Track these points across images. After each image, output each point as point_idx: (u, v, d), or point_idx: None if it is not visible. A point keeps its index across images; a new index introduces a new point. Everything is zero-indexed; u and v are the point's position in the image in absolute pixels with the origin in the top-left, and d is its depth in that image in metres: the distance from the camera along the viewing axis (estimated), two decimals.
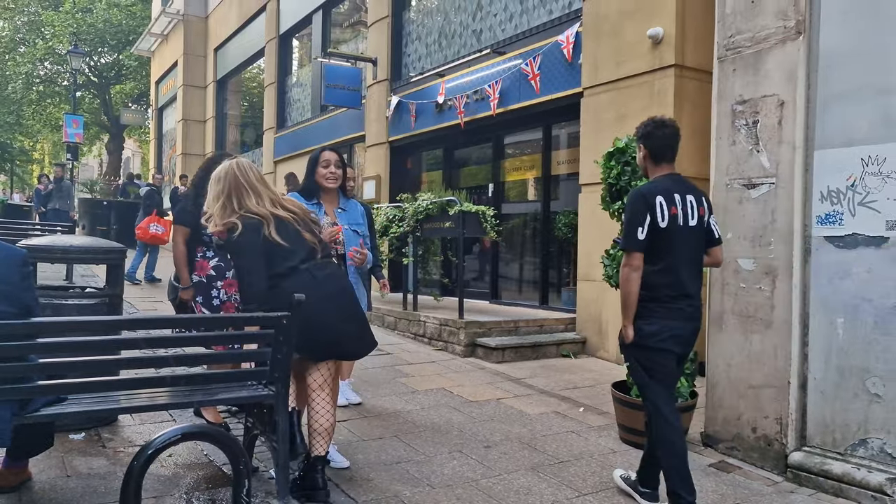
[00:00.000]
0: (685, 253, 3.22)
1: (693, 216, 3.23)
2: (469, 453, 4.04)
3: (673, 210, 3.17)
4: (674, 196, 3.20)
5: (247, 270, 3.04)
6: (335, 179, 3.81)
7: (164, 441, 2.10)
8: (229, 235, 3.05)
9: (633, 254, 3.15)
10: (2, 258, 2.58)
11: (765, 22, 4.11)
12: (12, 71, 25.28)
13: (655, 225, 3.14)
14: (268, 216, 3.09)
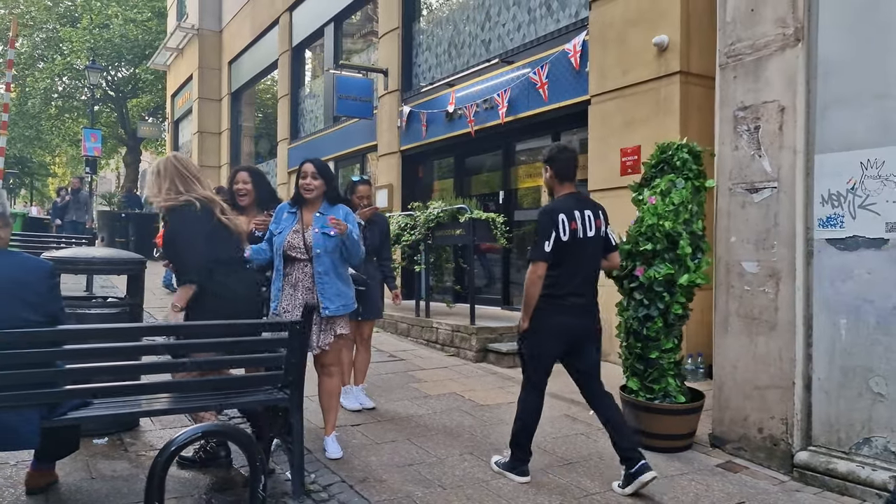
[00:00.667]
0: (581, 261, 3.76)
1: (591, 229, 3.77)
2: (480, 455, 4.13)
3: (573, 225, 3.71)
4: (574, 212, 3.74)
5: (191, 244, 3.38)
6: (310, 190, 3.93)
7: (185, 438, 2.21)
8: (182, 210, 3.36)
9: (539, 264, 3.69)
10: (30, 270, 2.72)
11: (764, 29, 4.19)
12: (31, 86, 25.73)
13: (559, 239, 3.67)
14: (215, 201, 3.36)
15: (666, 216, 4.28)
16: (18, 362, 2.61)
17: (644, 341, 4.33)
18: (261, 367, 3.41)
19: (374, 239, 5.11)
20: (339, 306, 3.91)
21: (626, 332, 4.46)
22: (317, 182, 3.93)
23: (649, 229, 4.31)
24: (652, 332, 4.29)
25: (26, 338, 2.63)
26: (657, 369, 4.31)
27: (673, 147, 4.49)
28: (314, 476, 3.71)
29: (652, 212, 4.33)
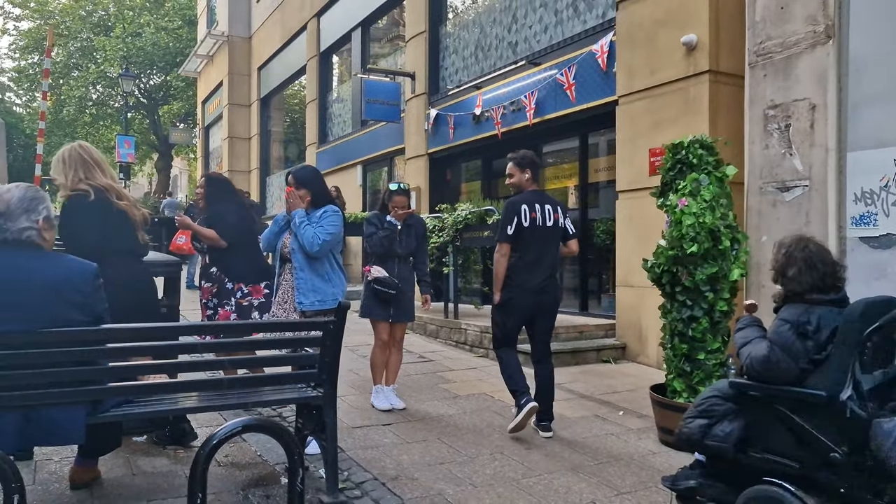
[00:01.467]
0: (541, 246, 4.53)
1: (549, 220, 4.56)
2: (510, 454, 4.16)
3: (533, 214, 4.50)
4: (535, 205, 4.54)
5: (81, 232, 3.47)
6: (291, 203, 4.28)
7: (226, 432, 2.29)
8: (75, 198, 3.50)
9: (503, 245, 4.52)
10: (76, 272, 2.81)
11: (794, 28, 4.18)
12: (67, 95, 26.36)
13: (520, 225, 4.46)
14: (112, 188, 3.59)
15: (703, 213, 4.23)
16: (66, 360, 2.71)
17: (690, 342, 4.31)
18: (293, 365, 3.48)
19: (409, 242, 5.10)
20: (313, 301, 4.19)
21: (671, 334, 4.42)
22: (300, 192, 4.26)
23: (690, 229, 4.26)
24: (697, 332, 4.26)
25: (72, 336, 2.72)
26: (703, 370, 4.28)
27: (684, 145, 4.45)
28: (347, 473, 3.77)
29: (688, 212, 4.27)
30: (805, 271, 2.87)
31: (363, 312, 5.04)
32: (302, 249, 4.21)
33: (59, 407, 2.68)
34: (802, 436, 2.73)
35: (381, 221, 4.99)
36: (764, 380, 2.87)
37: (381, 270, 4.91)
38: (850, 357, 2.64)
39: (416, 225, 5.21)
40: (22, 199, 2.83)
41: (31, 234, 2.83)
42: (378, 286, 4.87)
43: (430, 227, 8.08)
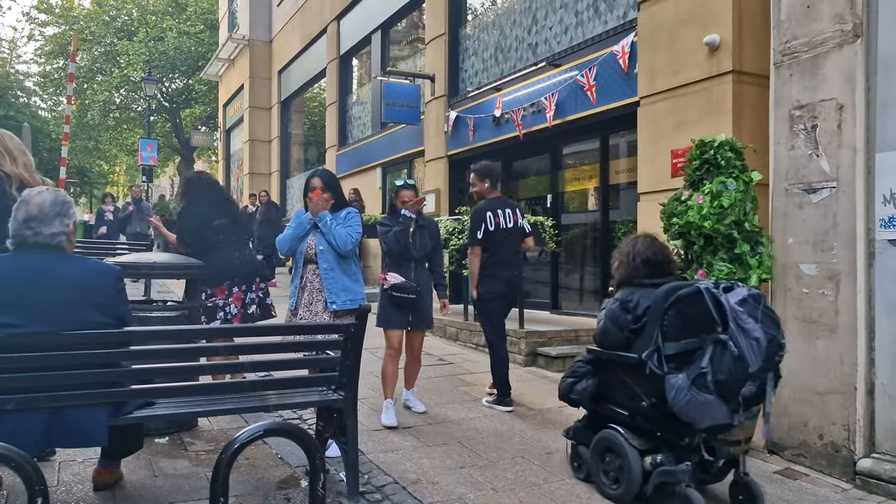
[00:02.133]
0: (506, 245, 5.35)
1: (510, 222, 5.38)
2: (531, 459, 4.13)
3: (497, 220, 5.30)
4: (497, 210, 5.35)
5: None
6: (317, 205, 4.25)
7: (248, 436, 2.28)
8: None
9: (475, 247, 5.35)
10: (99, 274, 2.83)
11: (821, 26, 4.10)
12: (90, 99, 26.69)
13: (487, 229, 5.26)
14: (15, 174, 3.52)
15: (709, 217, 4.19)
16: (89, 362, 2.73)
17: None
18: (316, 368, 3.48)
19: (424, 243, 4.96)
20: (345, 300, 4.20)
21: None
22: (325, 195, 4.25)
23: (686, 226, 4.25)
24: None
25: (95, 338, 2.74)
26: None
27: (714, 146, 4.40)
28: (367, 477, 3.76)
29: (697, 211, 4.24)
30: (626, 264, 3.74)
31: (380, 322, 4.89)
32: (332, 249, 4.21)
33: (82, 408, 2.70)
34: (629, 390, 3.53)
35: (393, 220, 4.92)
36: (603, 346, 3.74)
37: (397, 276, 4.79)
38: (654, 328, 3.33)
39: (430, 226, 5.09)
40: (55, 203, 2.87)
41: (61, 239, 2.86)
42: (396, 293, 4.75)
43: (450, 230, 8.07)
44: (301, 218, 4.30)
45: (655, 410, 3.36)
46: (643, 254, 3.68)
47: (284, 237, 4.35)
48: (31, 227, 2.80)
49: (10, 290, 2.67)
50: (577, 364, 3.94)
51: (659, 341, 3.29)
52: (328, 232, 4.20)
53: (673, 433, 3.38)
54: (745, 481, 3.44)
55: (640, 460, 3.43)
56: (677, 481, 3.23)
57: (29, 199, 2.86)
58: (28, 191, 2.98)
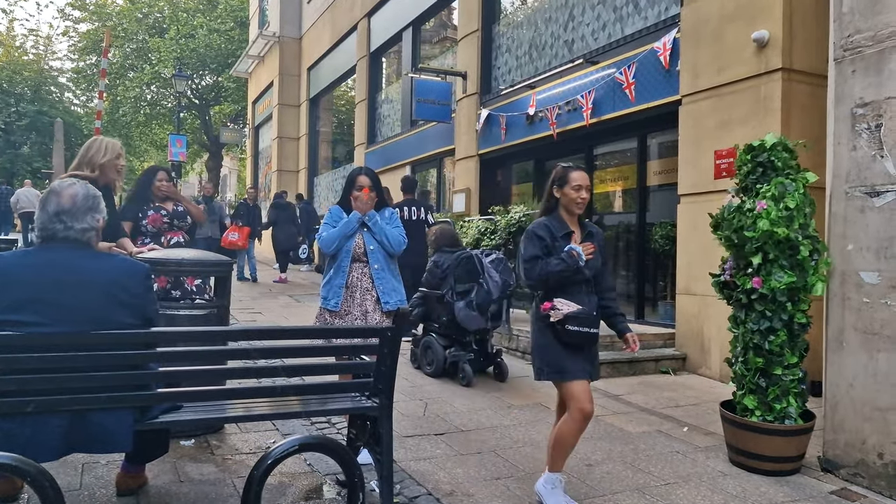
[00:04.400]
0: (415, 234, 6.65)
1: (415, 216, 7.74)
2: (570, 472, 3.93)
3: (403, 214, 7.32)
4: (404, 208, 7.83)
5: None
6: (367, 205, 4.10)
7: (283, 451, 2.13)
8: None
9: None
10: (127, 272, 2.69)
11: (888, 19, 3.85)
12: (122, 95, 26.92)
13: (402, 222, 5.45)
14: None
15: (779, 222, 3.94)
16: (114, 363, 2.59)
17: (766, 356, 4.01)
18: (349, 374, 3.32)
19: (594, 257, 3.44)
20: (396, 301, 4.10)
21: (745, 347, 4.12)
22: (372, 194, 4.09)
23: (764, 236, 3.97)
24: (775, 345, 3.97)
25: (121, 339, 2.60)
26: (779, 387, 3.99)
27: (767, 147, 4.15)
28: (399, 487, 3.59)
29: (766, 217, 3.97)
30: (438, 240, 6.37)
31: (550, 372, 3.36)
32: (382, 249, 4.11)
33: (106, 412, 2.56)
34: (438, 312, 6.11)
35: (552, 233, 3.39)
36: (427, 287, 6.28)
37: (570, 303, 3.29)
38: (451, 276, 5.97)
39: (597, 235, 3.57)
40: (87, 197, 2.74)
41: (91, 235, 2.74)
42: (574, 327, 3.27)
43: (482, 230, 7.88)
44: (350, 217, 4.08)
45: (450, 323, 6.02)
46: (448, 234, 6.47)
47: (332, 236, 4.05)
48: (62, 221, 2.66)
49: (35, 286, 2.53)
50: (414, 300, 6.21)
51: (452, 284, 5.97)
52: (379, 232, 4.07)
53: (459, 335, 6.09)
54: (501, 367, 6.16)
55: (443, 352, 6.03)
56: (461, 360, 5.97)
57: (60, 191, 2.72)
58: (58, 182, 2.84)
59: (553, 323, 3.29)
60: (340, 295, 4.05)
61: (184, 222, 5.47)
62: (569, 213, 3.48)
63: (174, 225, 5.38)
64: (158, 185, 5.34)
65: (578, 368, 3.33)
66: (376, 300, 4.09)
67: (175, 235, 5.40)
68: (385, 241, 4.10)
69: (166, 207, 5.33)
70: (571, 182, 3.40)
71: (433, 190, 13.21)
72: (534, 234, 3.40)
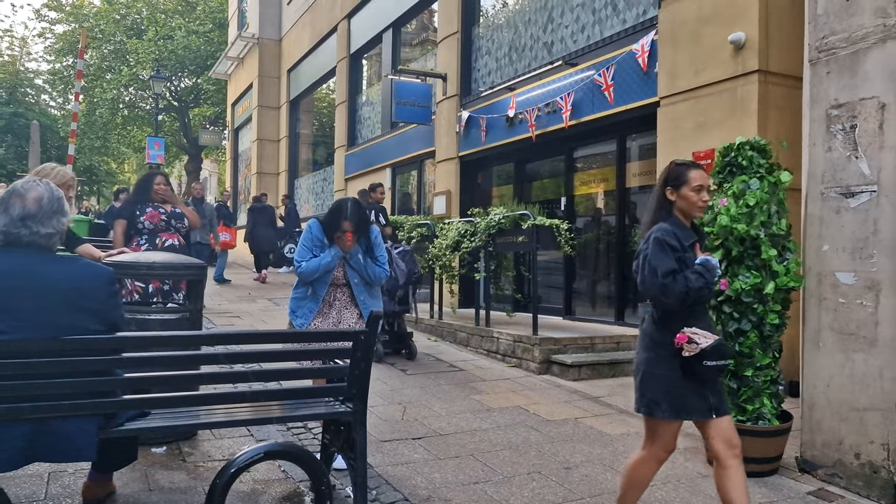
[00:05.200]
0: None
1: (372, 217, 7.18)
2: (549, 475, 3.90)
3: None
4: None
5: None
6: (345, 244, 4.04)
7: (247, 460, 2.07)
8: None
9: None
10: (91, 277, 2.61)
11: (862, 21, 3.87)
12: (99, 97, 26.56)
13: None
14: None
15: (739, 219, 3.97)
16: (77, 370, 2.52)
17: (736, 357, 4.01)
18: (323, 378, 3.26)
19: None
20: None
21: None
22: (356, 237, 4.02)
23: (723, 231, 4.01)
24: (745, 347, 3.98)
25: (85, 345, 2.53)
26: (751, 388, 3.99)
27: (734, 147, 4.20)
28: (375, 493, 3.54)
29: (725, 213, 4.02)
30: None
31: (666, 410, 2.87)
32: (364, 280, 4.14)
33: (70, 420, 2.49)
34: None
35: (681, 243, 2.90)
36: None
37: (707, 334, 2.81)
38: None
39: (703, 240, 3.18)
40: (52, 200, 2.62)
41: (55, 240, 2.64)
42: (713, 362, 2.77)
43: (462, 232, 7.85)
44: (333, 255, 3.99)
45: None
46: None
47: (317, 267, 3.98)
48: (27, 226, 2.54)
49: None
50: None
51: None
52: (361, 269, 4.10)
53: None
54: (410, 347, 6.97)
55: None
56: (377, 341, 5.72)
57: (24, 194, 2.59)
58: (20, 183, 2.71)
59: (691, 356, 2.77)
60: (309, 319, 4.03)
61: (181, 224, 5.55)
62: (685, 217, 2.98)
63: (171, 225, 5.46)
64: (157, 189, 5.46)
65: (704, 407, 2.85)
66: (359, 315, 4.11)
67: (171, 238, 5.46)
68: (368, 278, 4.13)
69: (165, 208, 5.45)
70: (691, 182, 2.92)
71: (414, 192, 13.16)
72: (665, 244, 2.83)
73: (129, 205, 5.52)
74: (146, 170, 29.55)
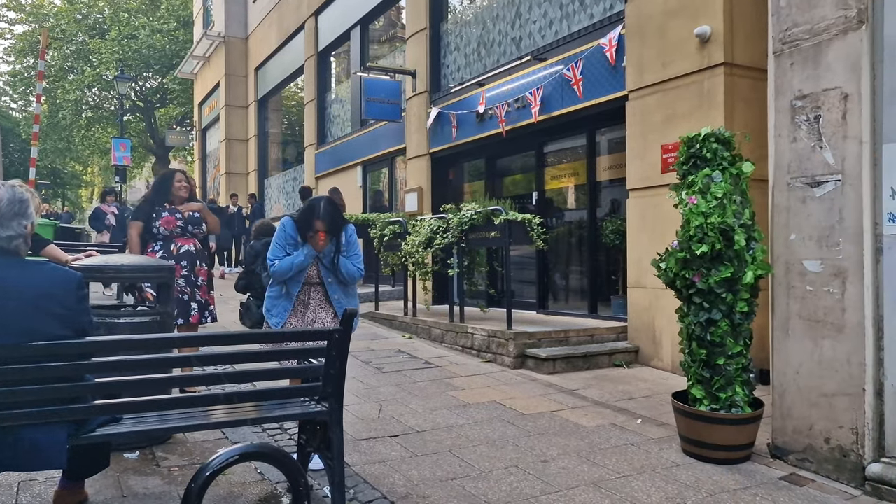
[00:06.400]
0: None
1: None
2: (526, 468, 3.92)
3: None
4: None
5: None
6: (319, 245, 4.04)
7: (222, 462, 2.04)
8: None
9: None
10: (58, 282, 2.56)
11: (823, 12, 3.93)
12: (62, 98, 26.07)
13: None
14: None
15: (712, 212, 4.02)
16: (44, 376, 2.46)
17: (708, 347, 4.06)
18: (298, 378, 3.23)
19: None
20: None
21: (689, 338, 4.18)
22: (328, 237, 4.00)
23: (699, 230, 4.05)
24: (716, 336, 4.02)
25: (52, 351, 2.48)
26: (724, 376, 4.04)
27: (699, 139, 4.24)
28: (353, 492, 3.53)
29: (696, 212, 4.08)
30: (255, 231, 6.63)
31: None
32: (338, 279, 4.13)
33: (38, 427, 2.43)
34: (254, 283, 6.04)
35: None
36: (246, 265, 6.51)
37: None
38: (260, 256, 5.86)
39: None
40: (12, 202, 2.57)
41: (18, 242, 2.58)
42: None
43: (434, 229, 7.84)
44: (306, 254, 3.96)
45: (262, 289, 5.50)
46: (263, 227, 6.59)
47: (290, 266, 3.96)
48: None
49: None
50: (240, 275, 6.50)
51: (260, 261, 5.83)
52: (335, 268, 4.10)
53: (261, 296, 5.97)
54: None
55: (257, 310, 5.70)
56: None
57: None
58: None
59: None
60: (284, 318, 4.02)
61: (198, 229, 5.32)
62: None
63: (188, 231, 5.25)
64: (178, 187, 5.22)
65: None
66: (333, 314, 4.10)
67: (186, 243, 5.27)
68: (342, 277, 4.11)
69: (181, 212, 5.21)
70: None
71: (385, 189, 13.12)
72: None
73: (147, 205, 5.28)
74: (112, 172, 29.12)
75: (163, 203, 5.27)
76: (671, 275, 4.26)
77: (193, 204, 5.40)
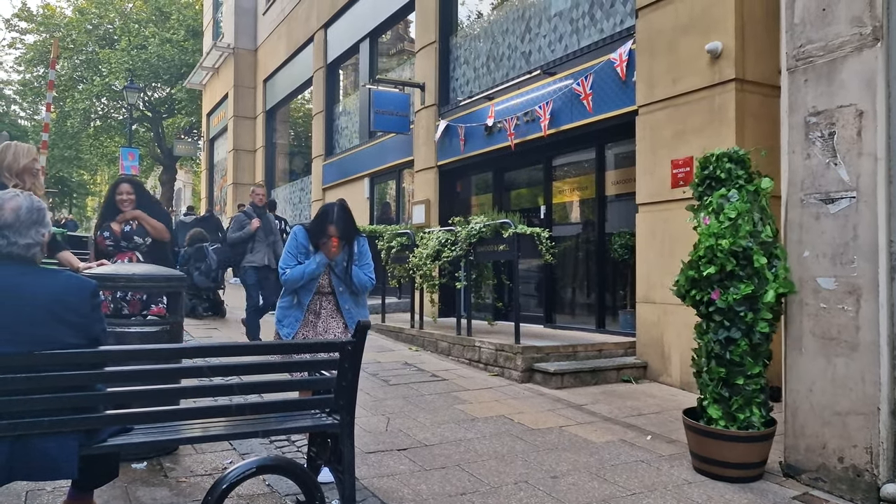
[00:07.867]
0: None
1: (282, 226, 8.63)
2: (536, 484, 3.88)
3: None
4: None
5: None
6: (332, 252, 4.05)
7: (238, 475, 2.02)
8: None
9: None
10: (73, 290, 2.55)
11: (838, 30, 3.93)
12: (71, 107, 26.20)
13: None
14: None
15: (723, 234, 4.00)
16: (57, 385, 2.45)
17: (728, 366, 4.02)
18: (310, 390, 3.21)
19: None
20: None
21: (707, 356, 4.14)
22: (341, 243, 4.02)
23: (708, 251, 4.04)
24: (736, 355, 3.99)
25: (66, 359, 2.46)
26: (742, 396, 4.01)
27: (712, 159, 4.25)
28: None
29: (707, 233, 4.06)
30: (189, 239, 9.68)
31: None
32: (350, 289, 4.14)
33: (49, 437, 2.42)
34: None
35: None
36: None
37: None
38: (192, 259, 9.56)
39: None
40: (31, 210, 2.58)
41: (36, 250, 2.58)
42: None
43: (443, 241, 7.83)
44: (318, 262, 3.97)
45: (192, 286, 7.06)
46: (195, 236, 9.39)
47: (301, 275, 3.95)
48: (4, 237, 2.49)
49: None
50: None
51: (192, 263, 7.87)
52: (346, 278, 4.10)
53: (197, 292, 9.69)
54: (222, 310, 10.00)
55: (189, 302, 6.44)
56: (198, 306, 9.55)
57: (1, 204, 2.55)
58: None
59: None
60: (295, 328, 4.02)
61: (140, 240, 5.02)
62: None
63: (120, 246, 5.00)
64: (120, 200, 5.00)
65: None
66: (344, 325, 4.10)
67: (122, 258, 4.99)
68: (354, 286, 4.12)
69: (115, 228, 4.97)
70: None
71: (392, 202, 13.13)
72: None
73: (99, 219, 5.14)
74: None
75: (114, 217, 5.01)
76: (683, 291, 4.24)
77: (127, 214, 5.01)
